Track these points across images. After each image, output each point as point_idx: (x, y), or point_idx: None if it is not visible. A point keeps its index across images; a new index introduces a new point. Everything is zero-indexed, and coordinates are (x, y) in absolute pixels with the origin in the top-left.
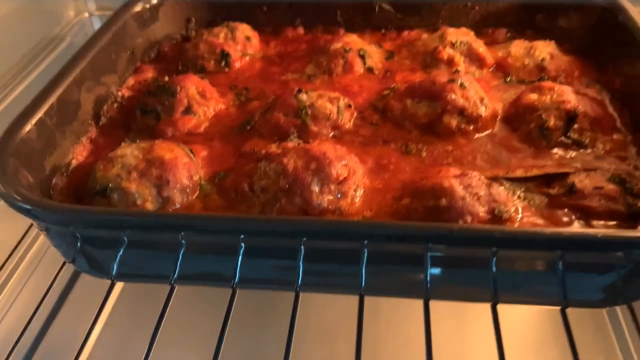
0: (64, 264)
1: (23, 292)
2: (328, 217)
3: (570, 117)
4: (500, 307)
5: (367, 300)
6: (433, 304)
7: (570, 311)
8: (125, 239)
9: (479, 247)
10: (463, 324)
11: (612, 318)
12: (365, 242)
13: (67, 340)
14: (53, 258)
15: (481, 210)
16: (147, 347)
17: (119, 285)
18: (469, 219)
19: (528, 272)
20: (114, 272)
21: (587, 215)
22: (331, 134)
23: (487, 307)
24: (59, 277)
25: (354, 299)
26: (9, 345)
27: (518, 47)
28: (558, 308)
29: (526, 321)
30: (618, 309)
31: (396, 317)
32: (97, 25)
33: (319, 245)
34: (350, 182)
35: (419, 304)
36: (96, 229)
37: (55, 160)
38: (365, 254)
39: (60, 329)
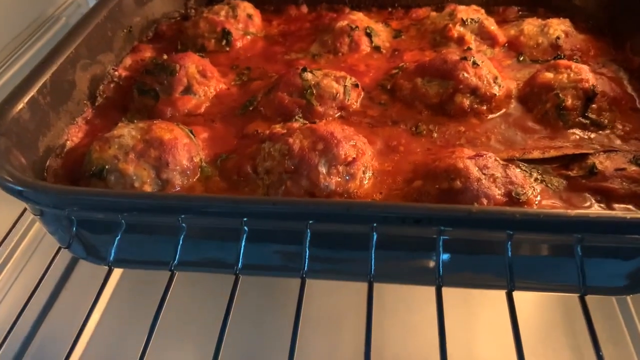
0: (59, 249)
1: (19, 279)
2: (336, 199)
3: (588, 97)
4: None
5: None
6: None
7: (577, 299)
8: (123, 222)
9: (498, 231)
10: (471, 311)
11: (622, 306)
12: (376, 225)
13: (65, 327)
14: (51, 243)
15: (497, 193)
16: (146, 336)
17: (118, 271)
18: (484, 201)
19: (546, 258)
20: (112, 257)
21: (608, 198)
22: (337, 115)
23: (495, 294)
24: (57, 262)
25: (359, 286)
26: (3, 332)
27: (531, 25)
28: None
29: (532, 308)
30: (628, 297)
31: (401, 305)
32: (92, 5)
33: (326, 228)
34: (359, 164)
35: (423, 291)
36: (92, 211)
37: (49, 141)
38: (374, 239)
39: (58, 316)
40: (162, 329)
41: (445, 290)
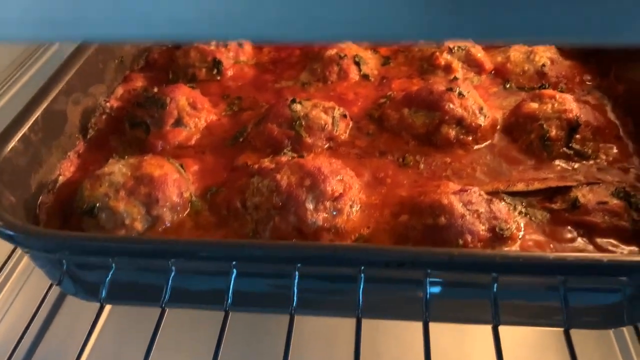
0: (51, 285)
1: (10, 312)
2: (323, 235)
3: (572, 127)
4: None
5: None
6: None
7: (575, 330)
8: (113, 264)
9: (479, 273)
10: (464, 342)
11: (619, 338)
12: (362, 267)
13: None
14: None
15: (481, 229)
16: None
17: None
18: (469, 237)
19: (530, 294)
20: (103, 295)
21: (590, 231)
22: (326, 146)
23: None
24: (48, 297)
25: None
26: None
27: (517, 52)
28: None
29: (529, 341)
30: (624, 328)
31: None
32: None
33: (313, 269)
34: (346, 199)
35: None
36: (82, 255)
37: (42, 177)
38: (362, 277)
39: (47, 352)
40: None
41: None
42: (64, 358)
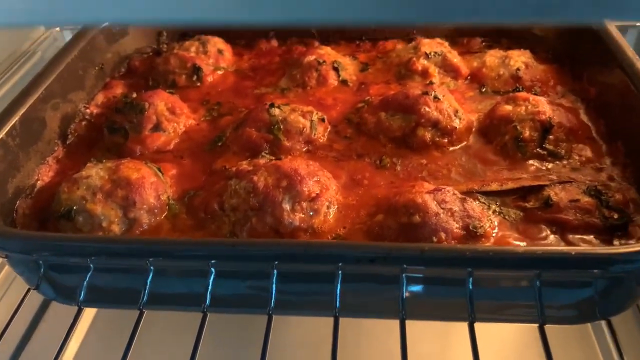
0: (29, 289)
1: None
2: (300, 235)
3: (545, 128)
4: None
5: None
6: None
7: (555, 326)
8: (91, 265)
9: (452, 267)
10: (443, 340)
11: (597, 333)
12: (339, 264)
13: None
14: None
15: (455, 227)
16: None
17: (91, 310)
18: (443, 235)
19: (504, 290)
20: (81, 297)
21: (563, 229)
22: (304, 149)
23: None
24: (28, 302)
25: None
26: None
27: (493, 57)
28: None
29: (506, 337)
30: (603, 323)
31: (376, 331)
32: (68, 39)
33: (290, 267)
34: (323, 199)
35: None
36: (59, 256)
37: (19, 182)
38: (339, 275)
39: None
40: None
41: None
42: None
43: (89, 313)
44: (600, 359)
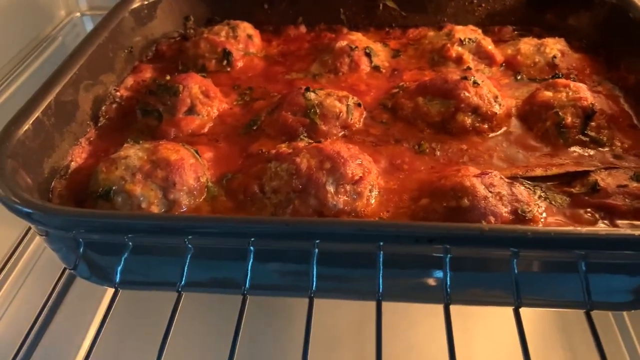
0: (64, 270)
1: (15, 301)
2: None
3: (587, 115)
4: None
5: (369, 305)
6: (434, 308)
7: (573, 313)
8: (130, 243)
9: (508, 249)
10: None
11: (619, 321)
12: (385, 243)
13: (64, 351)
14: (48, 264)
15: (504, 211)
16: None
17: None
18: (492, 219)
19: (552, 274)
20: (118, 279)
21: (611, 214)
22: (341, 134)
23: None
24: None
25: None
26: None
27: (527, 44)
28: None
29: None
30: (625, 313)
31: (401, 323)
32: (88, 25)
33: (333, 247)
34: (366, 182)
35: (423, 309)
36: (100, 233)
37: (54, 162)
38: (381, 257)
39: (54, 339)
40: (170, 353)
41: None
42: (73, 345)
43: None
44: (621, 346)
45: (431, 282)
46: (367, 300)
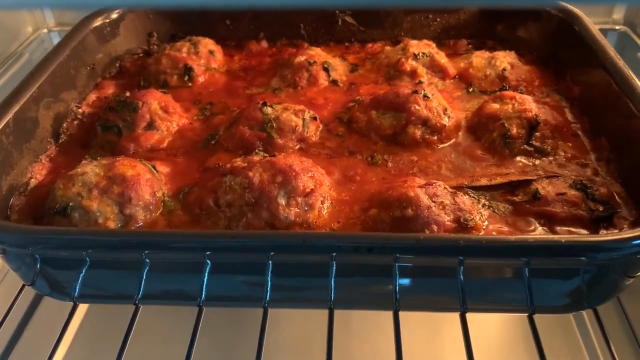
0: (23, 286)
1: None
2: (295, 230)
3: (531, 125)
4: (472, 314)
5: (338, 312)
6: (405, 313)
7: (537, 316)
8: (87, 258)
9: (446, 256)
10: (435, 333)
11: (579, 322)
12: (334, 254)
13: None
14: (12, 280)
15: (447, 219)
16: None
17: (84, 306)
18: (435, 228)
19: (495, 280)
20: (76, 293)
21: (550, 221)
22: (297, 147)
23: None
24: (21, 299)
25: (324, 312)
26: None
27: (479, 57)
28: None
29: (496, 327)
30: (584, 313)
31: (366, 328)
32: (56, 41)
33: (286, 259)
34: (317, 194)
35: (389, 314)
36: (56, 249)
37: (13, 179)
38: (334, 267)
39: (22, 353)
40: None
41: (410, 313)
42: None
43: (81, 310)
44: (581, 347)
45: (380, 289)
46: (319, 308)
